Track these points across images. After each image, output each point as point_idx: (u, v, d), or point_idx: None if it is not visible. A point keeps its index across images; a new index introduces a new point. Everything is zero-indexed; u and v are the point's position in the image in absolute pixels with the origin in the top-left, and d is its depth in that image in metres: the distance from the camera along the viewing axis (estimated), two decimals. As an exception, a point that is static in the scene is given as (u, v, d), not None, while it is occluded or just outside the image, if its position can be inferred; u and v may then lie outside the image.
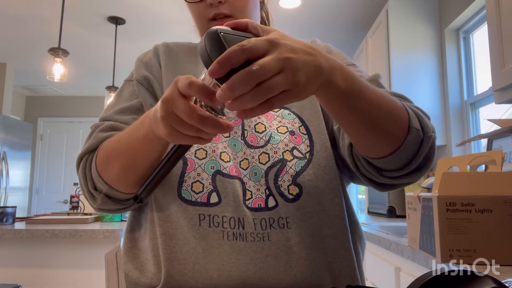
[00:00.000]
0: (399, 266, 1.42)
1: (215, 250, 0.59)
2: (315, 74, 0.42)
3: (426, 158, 0.57)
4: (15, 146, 4.46)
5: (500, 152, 0.86)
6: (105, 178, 0.63)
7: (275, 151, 0.64)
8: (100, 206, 0.66)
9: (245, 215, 0.61)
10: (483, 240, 0.77)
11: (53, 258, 1.81)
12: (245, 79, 0.38)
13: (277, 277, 0.58)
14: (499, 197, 0.78)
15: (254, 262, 0.58)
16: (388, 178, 0.59)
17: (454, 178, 0.80)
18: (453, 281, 0.33)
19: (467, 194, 0.78)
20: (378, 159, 0.56)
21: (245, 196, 0.62)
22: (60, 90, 5.62)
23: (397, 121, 0.53)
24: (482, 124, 2.29)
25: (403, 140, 0.53)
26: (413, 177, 0.59)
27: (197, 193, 0.62)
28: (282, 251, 0.60)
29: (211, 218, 0.60)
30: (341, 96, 0.47)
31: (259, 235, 0.60)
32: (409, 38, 2.52)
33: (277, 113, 0.70)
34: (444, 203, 0.78)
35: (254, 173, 0.64)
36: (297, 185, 0.63)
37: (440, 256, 0.78)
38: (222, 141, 0.66)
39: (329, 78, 0.45)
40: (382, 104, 0.51)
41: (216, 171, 0.63)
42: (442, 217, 0.78)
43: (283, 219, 0.61)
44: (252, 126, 0.67)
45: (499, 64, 1.35)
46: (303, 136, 0.67)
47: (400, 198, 2.61)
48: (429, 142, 0.56)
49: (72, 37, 3.71)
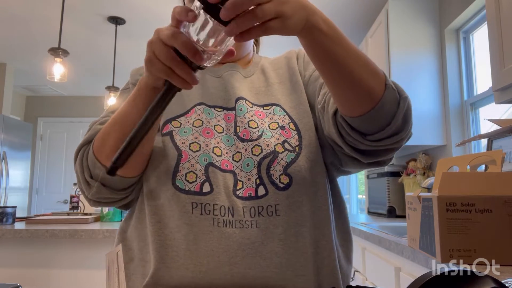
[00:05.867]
0: (399, 266, 1.42)
1: (206, 236, 0.62)
2: (300, 8, 0.49)
3: (404, 120, 0.60)
4: (15, 146, 4.46)
5: (500, 152, 0.86)
6: (101, 159, 0.65)
7: (267, 144, 0.67)
8: (95, 195, 0.67)
9: (235, 204, 0.64)
10: (483, 240, 0.77)
11: (53, 258, 1.81)
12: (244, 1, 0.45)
13: (264, 264, 0.61)
14: (499, 197, 0.78)
15: (242, 248, 0.61)
16: (372, 142, 0.61)
17: (454, 178, 0.81)
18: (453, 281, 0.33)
19: (467, 194, 0.78)
20: (359, 117, 0.59)
21: (236, 186, 0.65)
22: (60, 90, 5.62)
23: (374, 75, 0.57)
24: (482, 124, 2.29)
25: (380, 96, 0.57)
26: (394, 139, 0.61)
27: (190, 182, 0.65)
28: (269, 238, 0.63)
29: (203, 206, 0.63)
30: (322, 37, 0.52)
31: (247, 222, 0.63)
32: (409, 38, 2.52)
33: (268, 111, 0.72)
34: (444, 203, 0.78)
35: (247, 164, 0.67)
36: (287, 175, 0.66)
37: (440, 256, 0.78)
38: (215, 137, 0.68)
39: (313, 18, 0.51)
40: (359, 56, 0.56)
41: (209, 163, 0.66)
42: (442, 217, 0.78)
43: (272, 206, 0.64)
44: (246, 122, 0.69)
45: (499, 64, 1.35)
46: (293, 132, 0.70)
47: (400, 198, 2.61)
48: (405, 102, 0.59)
49: (72, 37, 3.71)
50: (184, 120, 0.70)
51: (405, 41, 2.51)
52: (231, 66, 0.78)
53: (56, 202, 5.54)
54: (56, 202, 5.54)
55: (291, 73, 0.78)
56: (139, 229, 0.68)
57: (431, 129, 2.45)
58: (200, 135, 0.68)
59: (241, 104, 0.72)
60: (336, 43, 0.53)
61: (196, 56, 0.49)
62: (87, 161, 0.66)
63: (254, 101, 0.74)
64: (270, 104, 0.73)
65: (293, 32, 0.50)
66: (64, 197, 5.53)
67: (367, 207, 3.20)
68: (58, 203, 5.51)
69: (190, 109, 0.71)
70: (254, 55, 0.84)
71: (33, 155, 5.55)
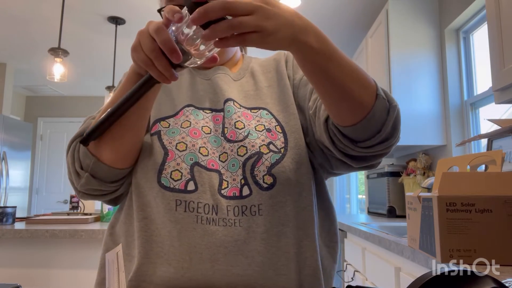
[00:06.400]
0: (399, 266, 1.42)
1: (189, 233, 0.63)
2: (285, 26, 0.50)
3: (393, 127, 0.62)
4: (15, 146, 4.46)
5: (500, 152, 0.86)
6: (92, 148, 0.66)
7: (252, 144, 0.68)
8: (84, 186, 0.68)
9: (219, 202, 0.65)
10: (483, 240, 0.77)
11: (53, 258, 1.81)
12: (218, 9, 0.46)
13: (245, 262, 0.62)
14: (499, 197, 0.78)
15: (225, 246, 0.62)
16: (362, 148, 0.63)
17: (454, 178, 0.81)
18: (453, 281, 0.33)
19: (467, 194, 0.78)
20: (351, 126, 0.60)
21: (221, 185, 0.66)
22: (60, 90, 5.62)
23: (365, 87, 0.58)
24: (482, 124, 2.29)
25: (372, 106, 0.58)
26: (383, 146, 0.63)
27: (175, 180, 0.66)
28: (251, 237, 0.64)
29: (187, 204, 0.64)
30: (312, 54, 0.53)
31: (231, 221, 0.64)
32: (409, 38, 2.52)
33: (256, 114, 0.74)
34: (444, 203, 0.78)
35: (232, 165, 0.68)
36: (271, 175, 0.67)
37: (440, 256, 0.78)
38: (202, 137, 0.70)
39: (302, 36, 0.51)
40: (352, 70, 0.57)
41: (195, 162, 0.67)
42: (442, 217, 0.78)
43: (256, 206, 0.65)
44: (232, 124, 0.71)
45: (499, 64, 1.35)
46: (279, 134, 0.71)
47: (400, 198, 2.61)
48: (395, 110, 0.61)
49: (72, 37, 3.71)
50: (173, 122, 0.71)
51: (405, 41, 2.51)
52: (220, 69, 0.79)
53: (56, 202, 5.54)
54: (56, 202, 5.54)
55: (279, 77, 0.79)
56: (127, 224, 0.69)
57: (431, 129, 2.45)
58: (187, 135, 0.69)
59: (229, 105, 0.73)
60: (327, 59, 0.54)
61: (173, 55, 0.51)
62: (78, 153, 0.67)
63: (243, 103, 0.75)
64: (258, 108, 0.75)
65: (277, 48, 0.51)
66: (64, 197, 5.53)
67: (367, 207, 3.20)
68: (58, 203, 5.51)
69: (179, 111, 0.73)
70: (244, 57, 0.85)
71: (33, 155, 5.55)
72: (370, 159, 0.67)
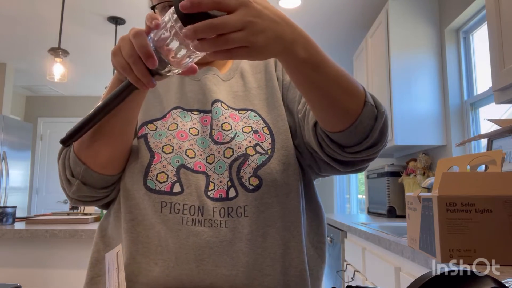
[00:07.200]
0: (399, 266, 1.42)
1: (174, 234, 0.63)
2: (275, 40, 0.49)
3: (380, 133, 0.62)
4: (15, 146, 4.46)
5: (500, 152, 0.86)
6: (82, 156, 0.66)
7: (239, 146, 0.68)
8: (75, 193, 0.68)
9: (205, 204, 0.65)
10: (483, 240, 0.77)
11: (53, 258, 1.81)
12: (207, 28, 0.45)
13: (231, 262, 0.62)
14: (499, 197, 0.78)
15: (210, 246, 0.62)
16: (350, 153, 0.63)
17: (454, 178, 0.81)
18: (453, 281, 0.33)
19: (467, 194, 0.78)
20: (339, 132, 0.61)
21: (208, 187, 0.67)
22: (60, 90, 5.62)
23: (353, 95, 0.58)
24: (482, 124, 2.29)
25: (359, 113, 0.59)
26: (371, 151, 0.63)
27: (161, 182, 0.66)
28: (237, 237, 0.64)
29: (172, 206, 0.65)
30: (299, 65, 0.53)
31: (217, 222, 0.64)
32: (409, 38, 2.52)
33: (243, 115, 0.74)
34: (444, 203, 0.78)
35: (219, 167, 0.68)
36: (257, 177, 0.67)
37: (440, 256, 0.78)
38: (189, 139, 0.70)
39: (290, 48, 0.51)
40: (340, 78, 0.57)
41: (181, 164, 0.67)
42: (442, 217, 0.78)
43: (241, 208, 0.65)
44: (219, 125, 0.71)
45: (499, 64, 1.35)
46: (266, 136, 0.71)
47: (400, 198, 2.61)
48: (382, 117, 0.61)
49: (72, 37, 3.71)
50: (160, 124, 0.71)
51: (405, 41, 2.51)
52: (209, 70, 0.79)
53: (56, 202, 5.54)
54: (56, 202, 5.54)
55: (268, 78, 0.79)
56: (117, 227, 0.70)
57: (431, 129, 2.45)
58: (174, 137, 0.69)
59: (217, 107, 0.73)
60: (314, 69, 0.54)
61: (149, 60, 0.51)
62: (69, 160, 0.68)
63: (231, 104, 0.75)
64: (246, 109, 0.75)
65: (264, 59, 0.51)
66: (64, 197, 5.53)
67: (367, 207, 3.20)
68: (58, 203, 5.51)
69: (166, 114, 0.73)
70: None
71: (33, 155, 5.55)
72: (357, 164, 0.67)
